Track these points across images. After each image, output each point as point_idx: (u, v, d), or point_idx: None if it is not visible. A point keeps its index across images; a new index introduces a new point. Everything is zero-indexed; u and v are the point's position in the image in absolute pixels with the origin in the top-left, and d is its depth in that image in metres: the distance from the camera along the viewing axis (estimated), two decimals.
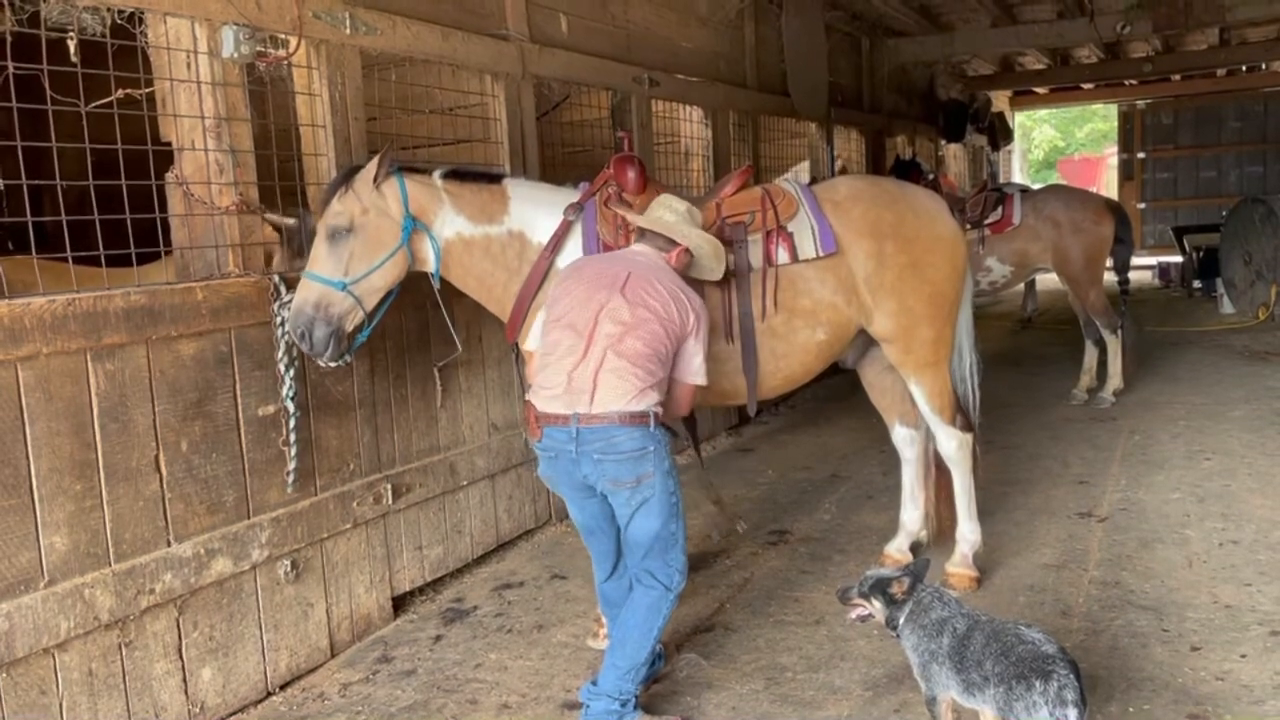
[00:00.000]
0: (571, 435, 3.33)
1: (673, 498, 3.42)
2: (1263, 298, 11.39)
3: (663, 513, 3.39)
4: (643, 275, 3.48)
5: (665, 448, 3.40)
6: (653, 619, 3.45)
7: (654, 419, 3.35)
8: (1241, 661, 3.72)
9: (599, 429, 3.30)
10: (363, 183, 3.74)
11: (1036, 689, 2.76)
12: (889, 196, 4.38)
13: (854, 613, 3.32)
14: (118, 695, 3.40)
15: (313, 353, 3.74)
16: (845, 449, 7.17)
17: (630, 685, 3.43)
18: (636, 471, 3.33)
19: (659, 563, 3.45)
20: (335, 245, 3.71)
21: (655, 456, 3.35)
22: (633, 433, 3.31)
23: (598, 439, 3.31)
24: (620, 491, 3.37)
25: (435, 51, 4.88)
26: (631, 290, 3.42)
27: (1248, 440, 6.64)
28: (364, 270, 3.74)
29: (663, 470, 3.38)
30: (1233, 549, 4.81)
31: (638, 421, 3.31)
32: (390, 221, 3.78)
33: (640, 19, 6.85)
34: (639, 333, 3.36)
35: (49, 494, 3.20)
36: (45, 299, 3.19)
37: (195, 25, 3.73)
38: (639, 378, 3.33)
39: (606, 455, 3.32)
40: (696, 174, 7.73)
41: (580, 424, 3.31)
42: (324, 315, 3.70)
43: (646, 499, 3.37)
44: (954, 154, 16.31)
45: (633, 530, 3.44)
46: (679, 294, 3.49)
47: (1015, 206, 8.20)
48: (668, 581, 3.46)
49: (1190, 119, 19.65)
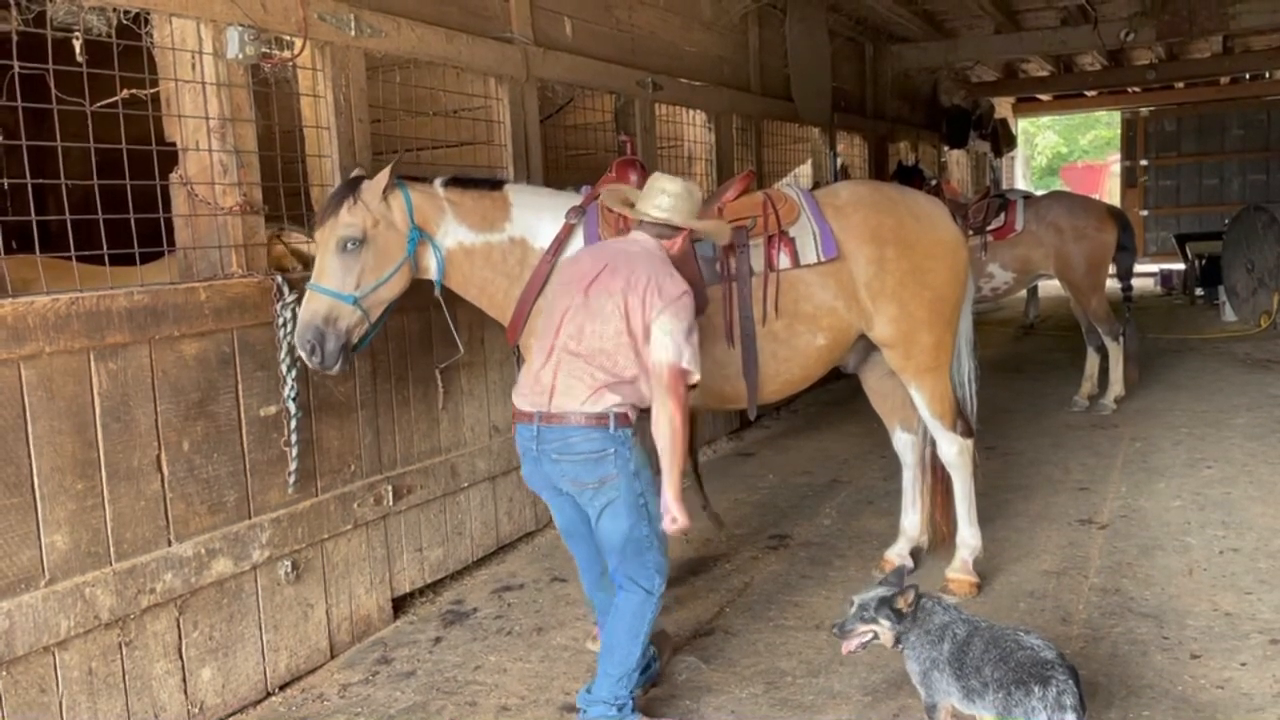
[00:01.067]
0: (533, 434, 3.36)
1: (640, 499, 3.38)
2: (1265, 306, 11.39)
3: (629, 515, 3.37)
4: (618, 267, 3.38)
5: (630, 449, 3.35)
6: (638, 624, 3.45)
7: (615, 420, 3.30)
8: (1241, 669, 3.72)
9: (557, 429, 3.32)
10: (371, 194, 3.73)
11: (1035, 694, 2.77)
12: (890, 202, 4.39)
13: (854, 643, 3.22)
14: (117, 694, 3.40)
15: (322, 366, 3.71)
16: (846, 454, 7.17)
17: (624, 690, 3.43)
18: (598, 473, 3.32)
19: (635, 565, 3.44)
20: (347, 258, 3.70)
21: (618, 458, 3.32)
22: (590, 434, 3.29)
23: (555, 439, 3.33)
24: (584, 492, 3.38)
25: (439, 54, 4.89)
26: (597, 286, 3.36)
27: (1249, 448, 6.63)
28: (373, 283, 3.74)
29: (628, 472, 3.34)
30: (1233, 557, 4.80)
31: (596, 423, 3.29)
32: (397, 233, 3.79)
33: (644, 23, 6.86)
34: (596, 329, 3.32)
35: (50, 493, 3.21)
36: (48, 298, 3.20)
37: (201, 26, 3.73)
38: (594, 377, 3.31)
39: (564, 456, 3.33)
40: (700, 178, 7.72)
41: (541, 423, 3.34)
42: (334, 329, 3.69)
43: (611, 500, 3.35)
44: (957, 160, 16.31)
45: (601, 532, 3.44)
46: (655, 279, 3.34)
47: (1018, 213, 8.21)
48: (648, 585, 3.45)
49: (1193, 126, 19.68)
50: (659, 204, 3.52)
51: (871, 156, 11.83)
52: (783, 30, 9.08)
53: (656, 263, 3.44)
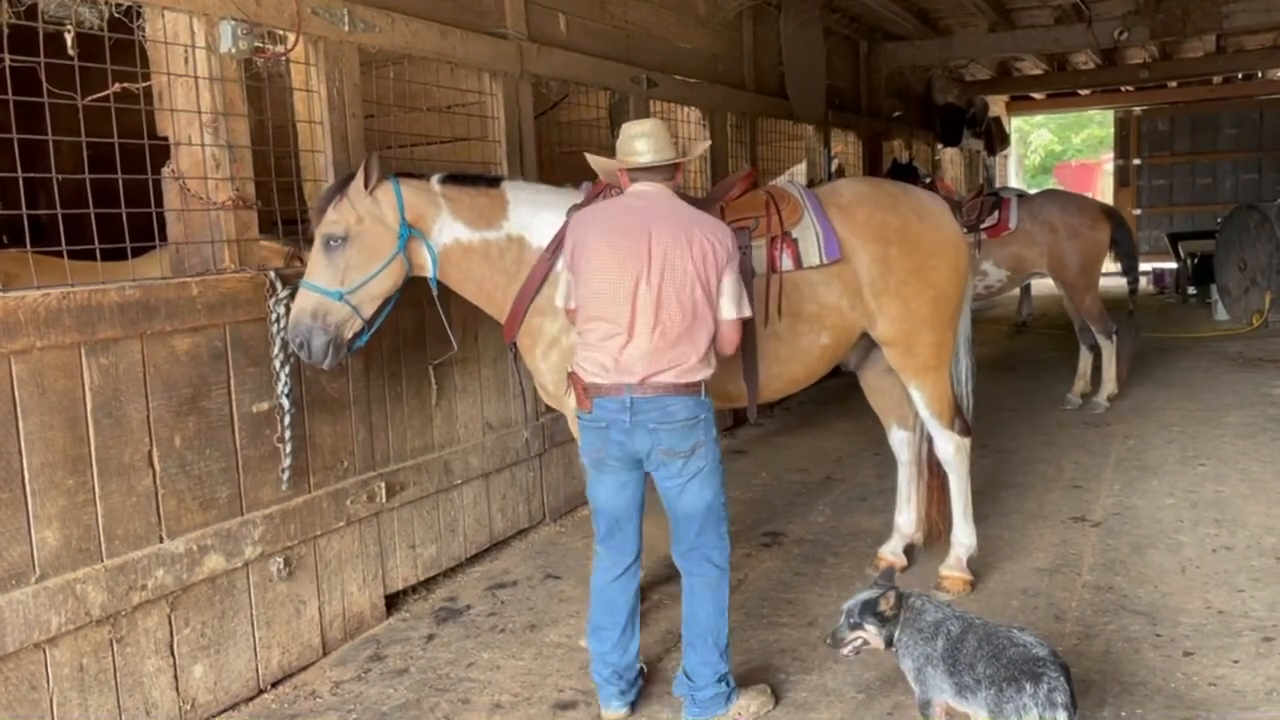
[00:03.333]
0: (625, 405, 3.33)
1: (721, 466, 3.47)
2: (1257, 305, 11.43)
3: (714, 482, 3.44)
4: (666, 230, 3.33)
5: (714, 417, 3.43)
6: (720, 599, 3.50)
7: (704, 388, 3.38)
8: (1234, 667, 3.73)
9: (653, 399, 3.32)
10: (356, 190, 3.72)
11: (1027, 691, 2.76)
12: (893, 200, 4.38)
13: (847, 649, 3.27)
14: (109, 691, 3.38)
15: (311, 361, 3.74)
16: (840, 451, 7.17)
17: (726, 664, 3.51)
18: (691, 440, 3.35)
19: (713, 537, 3.47)
20: (331, 254, 3.70)
21: (706, 425, 3.38)
22: (686, 401, 3.34)
23: (653, 408, 3.32)
24: (673, 462, 3.37)
25: (433, 49, 4.87)
26: (660, 257, 3.29)
27: (1241, 446, 6.65)
28: (360, 279, 3.73)
29: (712, 438, 3.42)
30: (1226, 555, 4.81)
31: (690, 391, 3.34)
32: (386, 229, 3.76)
33: (639, 19, 6.85)
34: (678, 303, 3.30)
35: (41, 489, 3.19)
36: (39, 292, 3.18)
37: (193, 20, 3.71)
38: (684, 352, 3.33)
39: (662, 424, 3.33)
40: (694, 175, 7.72)
41: (634, 394, 3.32)
42: (322, 324, 3.68)
43: (700, 469, 3.39)
44: (951, 158, 16.33)
45: (686, 503, 3.43)
46: (706, 232, 3.35)
47: (1011, 211, 8.22)
48: (722, 561, 3.50)
49: (1186, 126, 19.73)
50: (640, 149, 3.47)
51: (866, 154, 11.83)
52: (777, 27, 9.07)
53: (690, 213, 3.44)
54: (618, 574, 3.60)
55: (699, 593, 3.50)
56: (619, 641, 3.57)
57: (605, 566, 3.61)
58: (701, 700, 3.49)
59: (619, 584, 3.60)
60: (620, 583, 3.60)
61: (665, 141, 3.51)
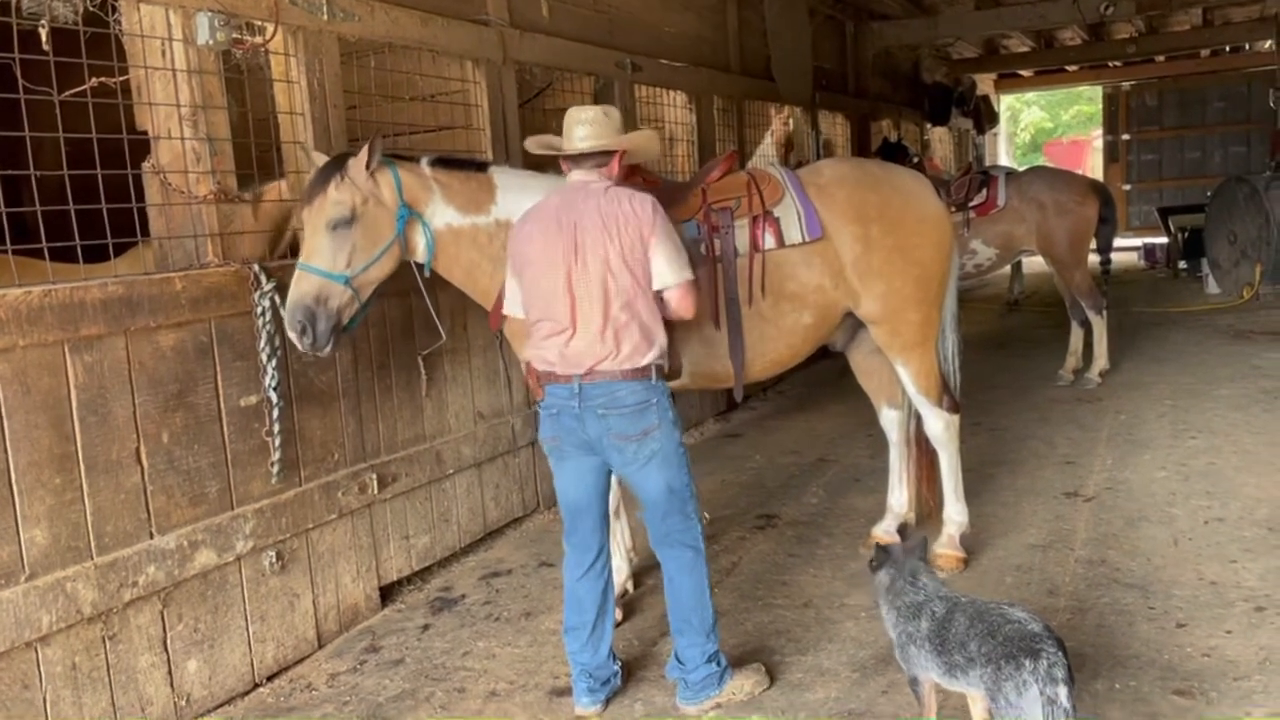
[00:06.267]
0: (574, 391, 3.35)
1: (680, 448, 3.46)
2: (1247, 277, 11.43)
3: (673, 465, 3.43)
4: (588, 219, 3.33)
5: (668, 400, 3.42)
6: (699, 580, 3.50)
7: (655, 372, 3.37)
8: (1227, 637, 3.74)
9: (601, 384, 3.33)
10: (357, 170, 3.67)
11: (1026, 668, 2.76)
12: (873, 179, 4.37)
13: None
14: (102, 688, 3.38)
15: (314, 347, 3.64)
16: (832, 433, 7.17)
17: (714, 644, 3.51)
18: (641, 424, 3.35)
19: (679, 520, 3.47)
20: (337, 236, 3.63)
21: (659, 409, 3.38)
22: (634, 386, 3.33)
23: (600, 394, 3.33)
24: (627, 446, 3.36)
25: (415, 37, 4.84)
26: (586, 248, 3.31)
27: (1233, 419, 6.66)
28: (364, 262, 3.69)
29: (668, 420, 3.40)
30: (1218, 526, 4.83)
31: (639, 375, 3.34)
32: (386, 211, 3.74)
33: (622, 3, 6.81)
34: (615, 290, 3.31)
35: (28, 487, 3.18)
36: (21, 290, 3.16)
37: (170, 12, 3.68)
38: (627, 337, 3.33)
39: (611, 410, 3.33)
40: (682, 159, 7.70)
41: (583, 380, 3.34)
42: (325, 308, 3.63)
43: (655, 452, 3.38)
44: (939, 137, 16.31)
45: (648, 488, 3.44)
46: (623, 208, 3.34)
47: (1000, 189, 8.21)
48: (693, 542, 3.50)
49: (1174, 100, 19.74)
50: (578, 135, 3.47)
51: (854, 135, 11.81)
52: (762, 9, 9.03)
53: (616, 191, 3.41)
54: (583, 571, 3.59)
55: (676, 577, 3.51)
56: (589, 641, 3.56)
57: (571, 564, 3.63)
58: (693, 683, 3.50)
59: (585, 582, 3.59)
60: (586, 581, 3.59)
61: (609, 131, 3.48)
